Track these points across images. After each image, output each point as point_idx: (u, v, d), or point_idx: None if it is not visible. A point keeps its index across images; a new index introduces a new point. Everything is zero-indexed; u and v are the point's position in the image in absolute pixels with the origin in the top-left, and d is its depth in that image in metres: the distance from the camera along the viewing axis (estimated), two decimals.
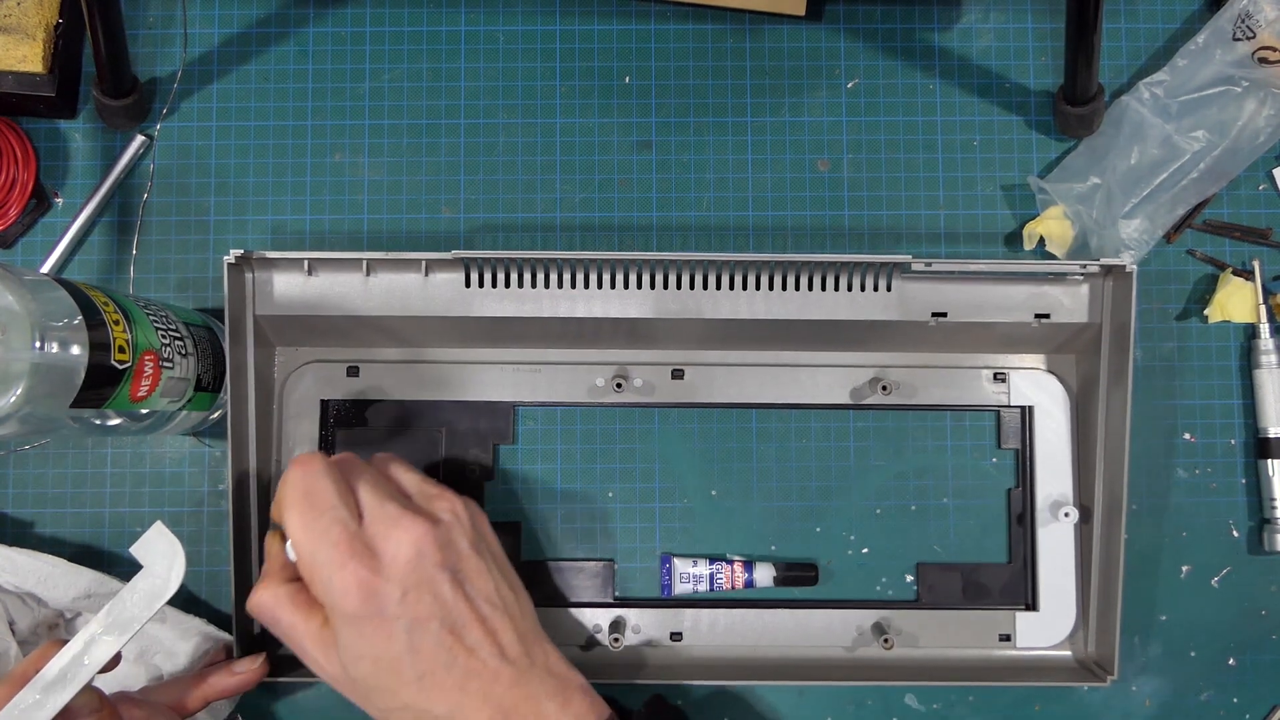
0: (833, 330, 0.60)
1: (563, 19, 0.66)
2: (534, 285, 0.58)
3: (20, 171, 0.62)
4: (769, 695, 0.62)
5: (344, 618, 0.47)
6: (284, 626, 0.50)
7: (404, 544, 0.48)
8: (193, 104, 0.65)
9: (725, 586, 0.62)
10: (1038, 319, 0.59)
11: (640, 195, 0.65)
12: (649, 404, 0.63)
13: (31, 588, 0.58)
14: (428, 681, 0.47)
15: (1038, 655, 0.62)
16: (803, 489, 0.63)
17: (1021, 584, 0.63)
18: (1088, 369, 0.61)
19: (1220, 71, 0.62)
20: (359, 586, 0.47)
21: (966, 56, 0.66)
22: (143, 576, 0.48)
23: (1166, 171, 0.62)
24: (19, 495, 0.63)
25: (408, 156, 0.65)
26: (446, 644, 0.48)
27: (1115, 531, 0.58)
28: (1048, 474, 0.62)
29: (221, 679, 0.56)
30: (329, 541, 0.47)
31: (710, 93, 0.66)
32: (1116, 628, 0.58)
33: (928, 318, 0.59)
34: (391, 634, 0.47)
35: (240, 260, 0.56)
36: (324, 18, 0.66)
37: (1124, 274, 0.57)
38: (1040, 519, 0.62)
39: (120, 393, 0.48)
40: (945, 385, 0.63)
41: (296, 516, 0.48)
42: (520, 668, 0.49)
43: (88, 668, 0.46)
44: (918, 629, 0.62)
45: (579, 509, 0.63)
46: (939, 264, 0.57)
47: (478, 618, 0.49)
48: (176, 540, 0.48)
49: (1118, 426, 0.58)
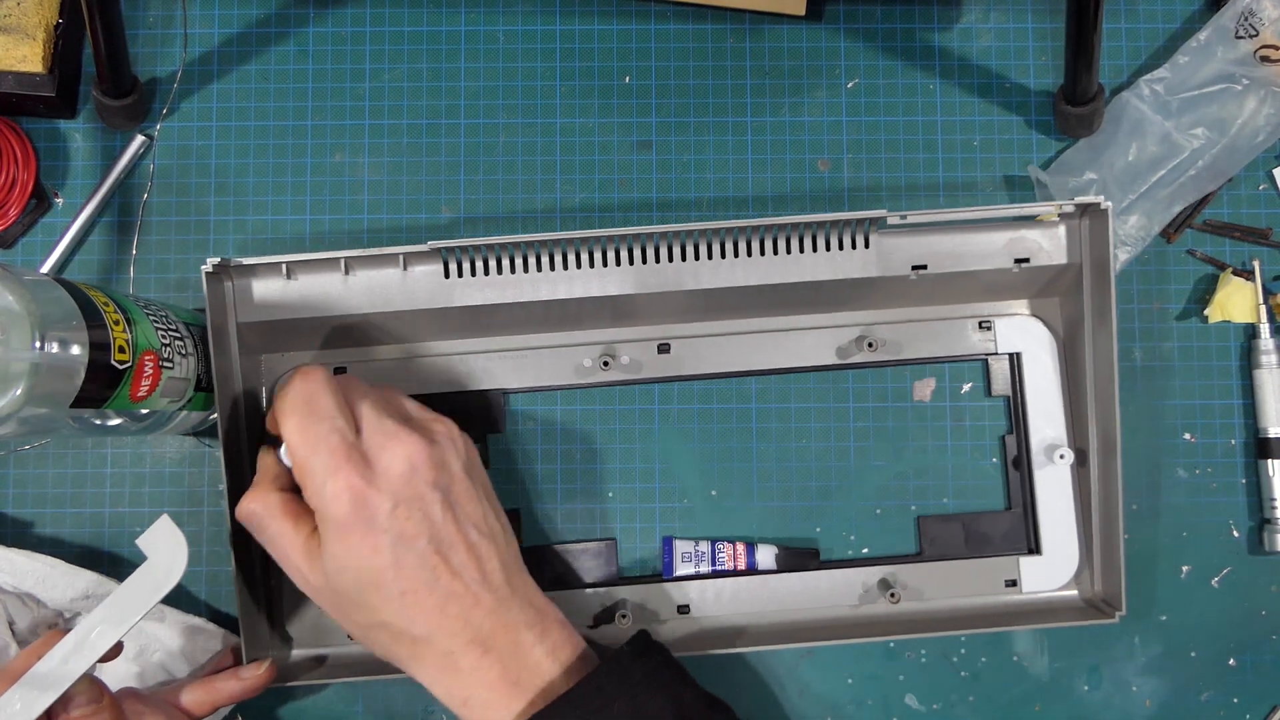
0: (815, 292, 0.60)
1: (563, 19, 0.66)
2: (513, 271, 0.58)
3: (20, 171, 0.62)
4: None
5: (332, 525, 0.47)
6: (271, 534, 0.50)
7: (399, 458, 0.48)
8: (192, 104, 0.65)
9: (728, 565, 0.62)
10: (1018, 264, 0.59)
11: (640, 195, 0.65)
12: (637, 380, 0.63)
13: (30, 588, 0.58)
14: (409, 599, 0.47)
15: (1045, 598, 0.62)
16: (803, 489, 0.63)
17: (1023, 529, 0.63)
18: (1072, 311, 0.61)
19: (1221, 69, 0.62)
20: (350, 493, 0.47)
21: (966, 56, 0.66)
22: (146, 568, 0.48)
23: (1165, 168, 0.62)
24: (19, 495, 0.63)
25: (408, 156, 0.65)
26: (431, 563, 0.48)
27: (1112, 470, 0.58)
28: (1040, 419, 0.62)
29: (228, 684, 0.56)
30: (326, 448, 0.47)
31: (710, 93, 0.66)
32: (1121, 565, 0.58)
33: (908, 271, 0.59)
34: (377, 546, 0.47)
35: (218, 269, 0.55)
36: (324, 18, 0.66)
37: (1099, 211, 0.57)
38: (1036, 463, 0.62)
39: (120, 393, 0.48)
40: (931, 338, 0.63)
41: (295, 422, 0.48)
42: (501, 596, 0.49)
43: (87, 656, 0.47)
44: (923, 582, 0.62)
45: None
46: (915, 215, 0.56)
47: (465, 542, 0.49)
48: (181, 534, 0.48)
49: (1105, 365, 0.58)
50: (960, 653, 0.63)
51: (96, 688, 0.48)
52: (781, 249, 0.58)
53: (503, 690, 0.48)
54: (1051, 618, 0.60)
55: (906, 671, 0.63)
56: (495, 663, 0.48)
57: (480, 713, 0.48)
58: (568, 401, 0.64)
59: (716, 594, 0.62)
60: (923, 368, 0.64)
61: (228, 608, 0.62)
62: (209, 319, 0.56)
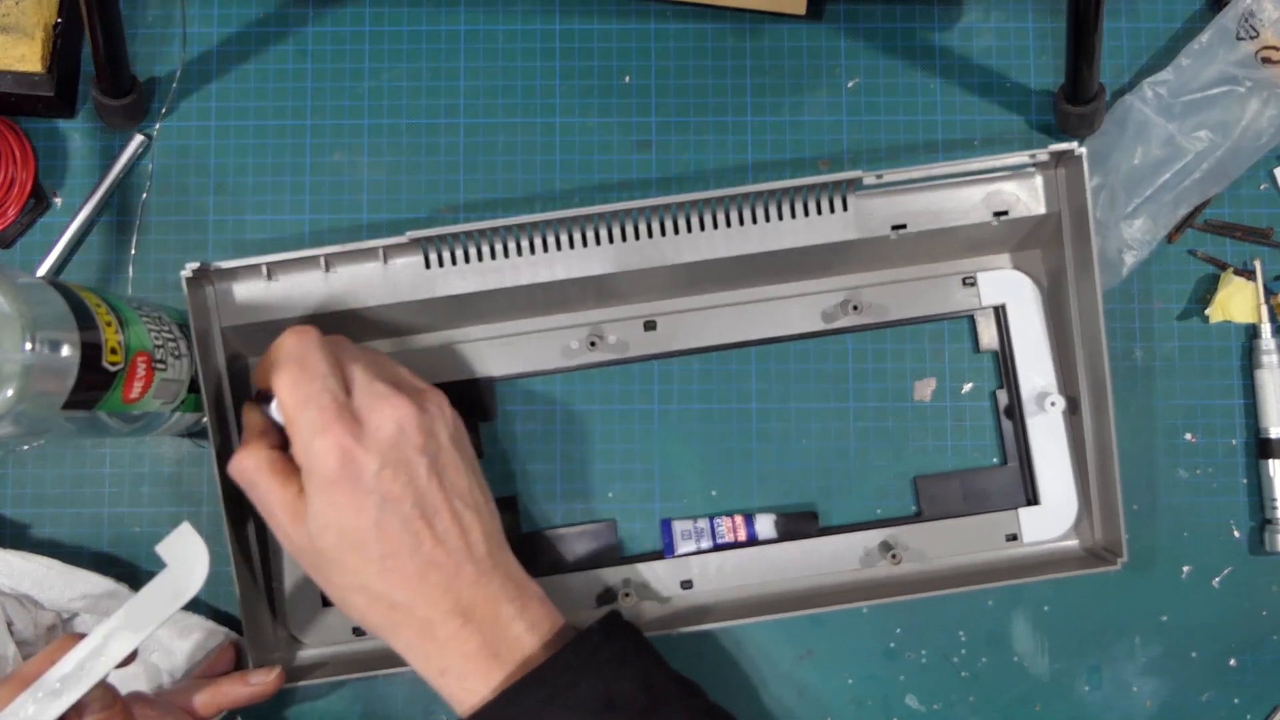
0: (798, 259, 0.60)
1: (563, 19, 0.66)
2: (494, 257, 0.58)
3: (19, 171, 0.62)
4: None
5: (319, 482, 0.47)
6: (260, 491, 0.50)
7: (388, 419, 0.48)
8: (192, 104, 0.65)
9: (728, 538, 0.62)
10: (997, 217, 0.59)
11: (640, 195, 0.64)
12: (626, 360, 0.63)
13: (27, 590, 0.58)
14: (389, 564, 0.47)
15: (1046, 550, 0.62)
16: (803, 489, 0.63)
17: (1019, 483, 0.63)
18: (1054, 261, 0.61)
19: (1223, 71, 0.62)
20: (339, 451, 0.47)
21: (966, 56, 0.65)
22: (165, 575, 0.48)
23: (1169, 171, 0.62)
24: (17, 496, 0.63)
25: (407, 156, 0.65)
26: (414, 528, 0.48)
27: (1104, 416, 0.58)
28: (1029, 371, 0.62)
29: (235, 688, 0.56)
30: (317, 405, 0.47)
31: (710, 92, 0.65)
32: (1119, 511, 0.58)
33: (888, 232, 0.59)
34: (362, 507, 0.47)
35: (198, 274, 0.55)
36: (323, 17, 0.66)
37: (1073, 158, 0.57)
38: (1028, 412, 0.62)
39: (112, 394, 0.48)
40: (916, 297, 0.63)
41: (287, 378, 0.48)
42: (483, 568, 0.49)
43: (104, 662, 0.46)
44: (924, 542, 0.62)
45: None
46: (890, 174, 0.56)
47: (450, 510, 0.49)
48: (202, 542, 0.48)
49: (1090, 312, 0.58)
50: (960, 653, 0.63)
51: (109, 693, 0.48)
52: (760, 217, 0.58)
53: (481, 661, 0.48)
54: (1053, 569, 0.60)
55: (906, 672, 0.63)
56: (475, 634, 0.48)
57: (457, 683, 0.48)
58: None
59: (718, 567, 0.62)
60: (922, 368, 0.64)
61: (227, 607, 0.62)
62: (192, 325, 0.56)
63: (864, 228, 0.58)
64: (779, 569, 0.62)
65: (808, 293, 0.63)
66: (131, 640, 0.47)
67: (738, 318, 0.63)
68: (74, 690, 0.46)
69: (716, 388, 0.64)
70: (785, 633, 0.63)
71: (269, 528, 0.51)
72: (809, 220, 0.58)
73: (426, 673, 0.49)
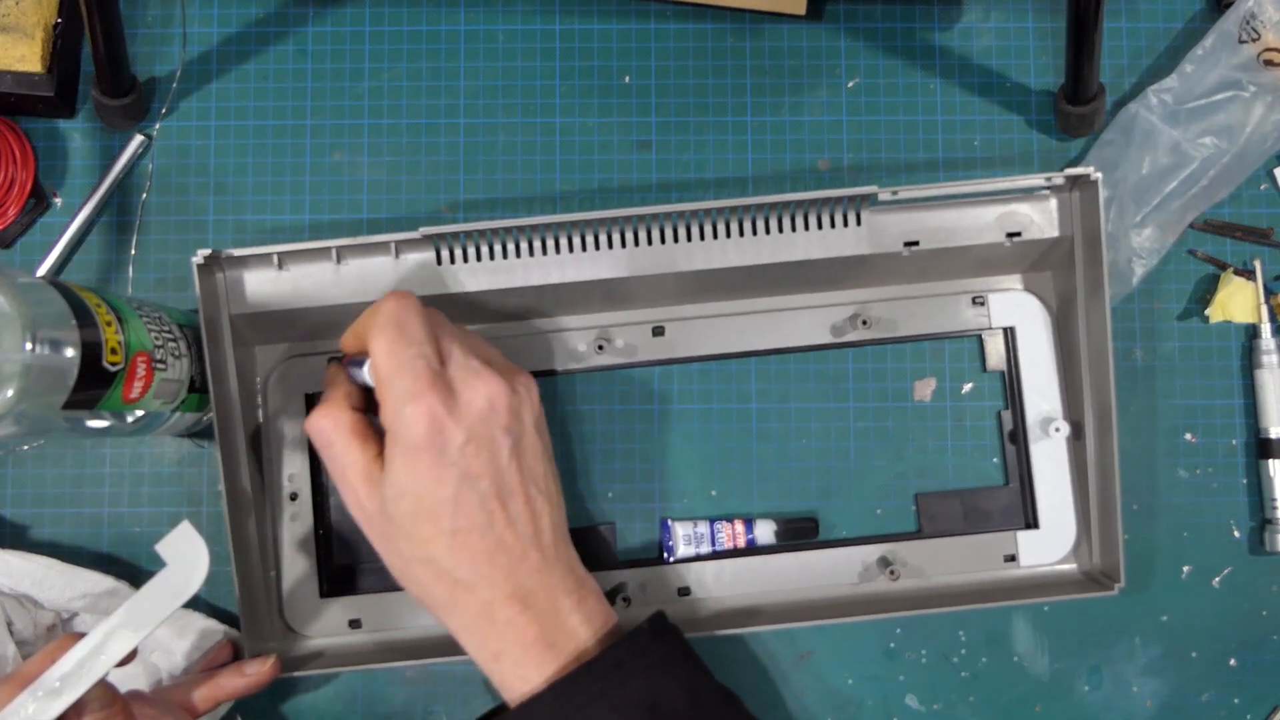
0: (808, 271, 0.59)
1: (563, 19, 0.66)
2: (505, 256, 0.58)
3: (19, 171, 0.62)
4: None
5: (404, 447, 0.47)
6: (336, 451, 0.50)
7: (480, 395, 0.48)
8: (191, 104, 0.65)
9: (727, 545, 0.62)
10: (1010, 238, 0.59)
11: (640, 195, 0.64)
12: (633, 364, 0.63)
13: (27, 589, 0.58)
14: (460, 539, 0.47)
15: (1044, 572, 0.62)
16: (803, 489, 0.63)
17: (1020, 504, 0.63)
18: (1064, 285, 0.61)
19: (1227, 76, 0.62)
20: (430, 418, 0.47)
21: (966, 56, 0.65)
22: (165, 574, 0.48)
23: (1176, 179, 0.62)
24: (17, 496, 0.63)
25: (407, 156, 0.65)
26: (489, 507, 0.48)
27: (1108, 442, 0.58)
28: (1035, 393, 0.62)
29: (231, 680, 0.56)
30: (412, 371, 0.47)
31: (710, 92, 0.65)
32: (1119, 537, 0.58)
33: (900, 248, 0.58)
34: (443, 478, 0.47)
35: (209, 260, 0.55)
36: (323, 17, 0.66)
37: (1089, 183, 0.57)
38: (1032, 437, 0.62)
39: (112, 394, 0.48)
40: (925, 314, 0.63)
41: (385, 342, 0.48)
42: (548, 556, 0.49)
43: (104, 661, 0.46)
44: (922, 559, 0.62)
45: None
46: (905, 191, 0.56)
47: (525, 494, 0.49)
48: (202, 541, 0.49)
49: (1099, 338, 0.58)
50: (960, 653, 0.63)
51: (109, 693, 0.48)
52: (774, 228, 0.58)
53: (537, 650, 0.48)
54: (1051, 592, 0.60)
55: (907, 672, 0.63)
56: (533, 621, 0.48)
57: (512, 669, 0.48)
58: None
59: (717, 575, 0.62)
60: (922, 368, 0.64)
61: (226, 605, 0.62)
62: (201, 311, 0.56)
63: (877, 243, 0.58)
64: (777, 580, 0.62)
65: (817, 305, 0.63)
66: (131, 639, 0.47)
67: (746, 327, 0.63)
68: (74, 689, 0.46)
69: (716, 388, 0.64)
70: (785, 633, 0.63)
71: (339, 491, 0.50)
72: (822, 233, 0.58)
73: (479, 656, 0.49)
